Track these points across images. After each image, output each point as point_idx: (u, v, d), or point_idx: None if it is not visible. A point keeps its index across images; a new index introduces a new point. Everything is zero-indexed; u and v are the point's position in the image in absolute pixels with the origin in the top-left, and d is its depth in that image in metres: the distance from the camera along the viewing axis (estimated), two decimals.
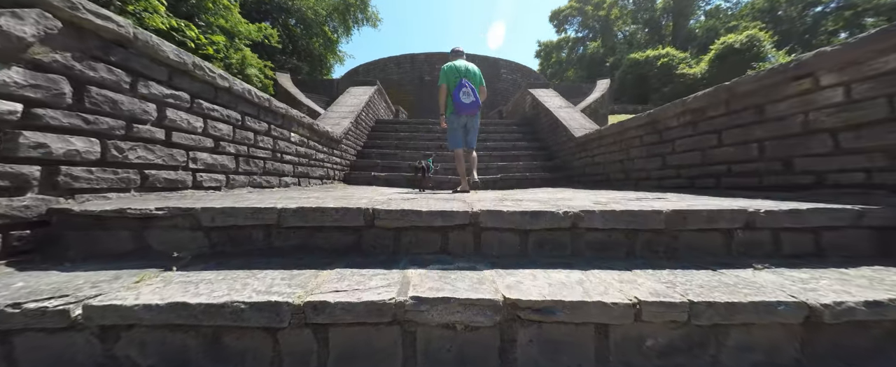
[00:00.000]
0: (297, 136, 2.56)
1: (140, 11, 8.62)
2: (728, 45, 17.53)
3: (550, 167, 4.23)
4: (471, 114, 2.69)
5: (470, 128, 2.80)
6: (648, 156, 2.47)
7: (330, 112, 4.24)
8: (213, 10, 12.75)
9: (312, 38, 24.52)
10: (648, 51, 22.82)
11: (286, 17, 22.99)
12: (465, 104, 2.60)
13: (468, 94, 2.59)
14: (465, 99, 2.59)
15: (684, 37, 29.37)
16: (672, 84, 20.42)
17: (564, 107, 4.70)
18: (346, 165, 3.94)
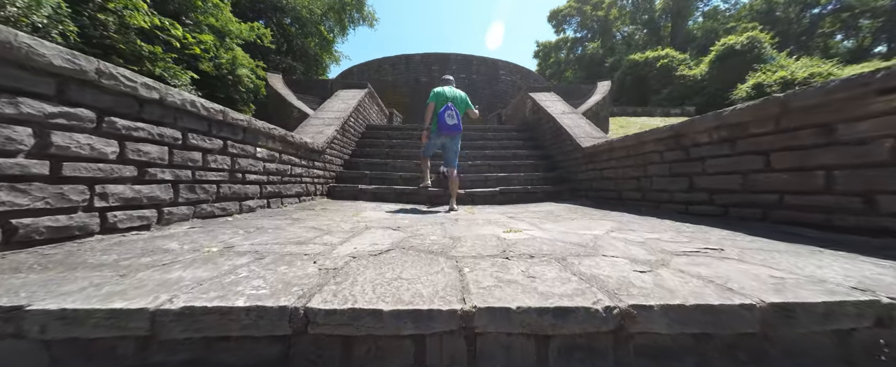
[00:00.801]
0: (265, 151, 2.21)
1: (121, 9, 8.23)
2: (729, 46, 17.33)
3: (553, 179, 3.90)
4: (450, 135, 2.88)
5: (449, 148, 2.97)
6: (671, 175, 2.14)
7: (313, 119, 3.89)
8: (203, 8, 12.36)
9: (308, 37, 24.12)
10: (648, 52, 22.62)
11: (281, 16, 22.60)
12: (448, 125, 2.78)
13: (452, 116, 2.79)
14: (450, 121, 2.78)
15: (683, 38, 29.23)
16: (672, 85, 20.21)
17: (568, 113, 4.37)
18: (330, 177, 3.59)
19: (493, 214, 2.46)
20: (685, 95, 19.03)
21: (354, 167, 4.08)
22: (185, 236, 1.25)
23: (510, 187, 3.61)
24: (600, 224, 1.73)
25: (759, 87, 14.41)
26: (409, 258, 0.97)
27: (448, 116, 2.77)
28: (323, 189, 3.37)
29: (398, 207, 2.79)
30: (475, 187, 3.76)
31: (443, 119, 2.76)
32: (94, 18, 8.11)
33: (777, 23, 27.49)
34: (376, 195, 3.48)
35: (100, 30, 8.16)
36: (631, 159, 2.57)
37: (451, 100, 2.86)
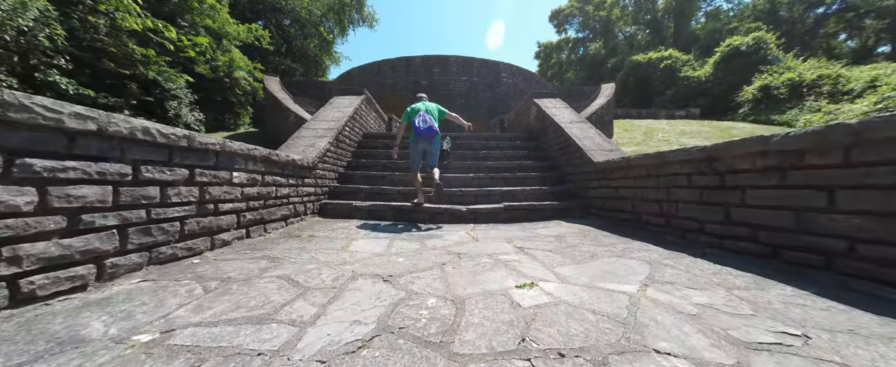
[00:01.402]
0: (244, 175, 1.96)
1: (112, 11, 8.01)
2: (734, 47, 17.05)
3: (562, 193, 3.65)
4: (427, 138, 3.11)
5: (429, 152, 3.21)
6: (702, 203, 1.89)
7: (305, 130, 3.65)
8: (199, 10, 12.14)
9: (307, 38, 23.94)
10: (651, 52, 22.35)
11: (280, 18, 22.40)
12: (422, 129, 3.05)
13: (425, 120, 3.07)
14: (422, 125, 3.05)
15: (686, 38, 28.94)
16: (676, 87, 19.93)
17: (577, 122, 4.12)
18: (322, 193, 3.35)
19: (498, 240, 2.22)
20: (689, 97, 18.75)
21: (349, 181, 3.84)
22: (124, 303, 1.01)
23: (515, 202, 3.36)
24: (628, 267, 1.48)
25: (765, 88, 14.13)
26: (396, 359, 0.72)
27: (421, 122, 3.07)
28: (314, 207, 3.12)
29: (393, 233, 2.54)
30: (478, 202, 3.52)
31: (417, 126, 3.08)
32: (85, 21, 7.90)
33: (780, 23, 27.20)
34: (372, 213, 3.24)
35: (90, 32, 7.95)
36: (651, 180, 2.32)
37: (423, 110, 3.17)
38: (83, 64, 7.82)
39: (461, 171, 4.14)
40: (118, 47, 7.97)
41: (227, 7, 14.15)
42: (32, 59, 6.59)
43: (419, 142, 3.13)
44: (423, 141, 3.13)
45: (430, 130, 3.06)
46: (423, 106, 3.22)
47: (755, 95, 14.33)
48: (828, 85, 12.23)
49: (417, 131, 3.05)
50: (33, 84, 6.68)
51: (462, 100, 10.30)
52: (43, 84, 6.73)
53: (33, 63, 6.62)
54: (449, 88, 9.96)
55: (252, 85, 13.88)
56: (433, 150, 3.20)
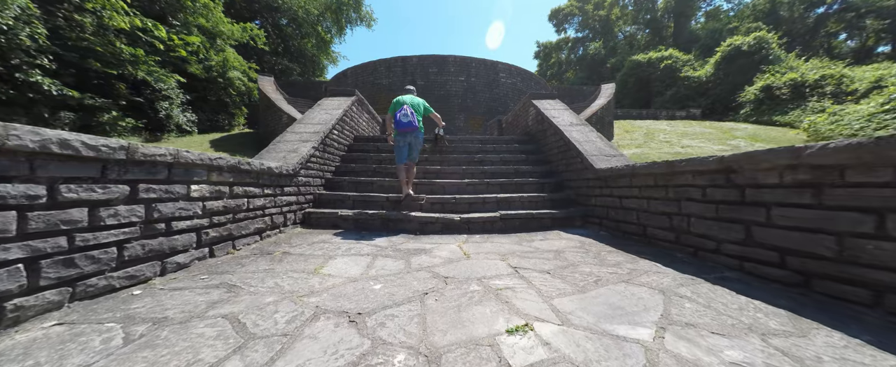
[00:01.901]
0: (205, 187, 1.76)
1: (99, 9, 7.78)
2: (735, 47, 16.87)
3: (561, 201, 3.45)
4: (407, 131, 3.18)
5: (413, 145, 3.29)
6: (718, 219, 1.69)
7: (289, 133, 3.44)
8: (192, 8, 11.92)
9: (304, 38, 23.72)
10: (651, 52, 22.17)
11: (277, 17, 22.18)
12: (402, 123, 3.12)
13: (406, 115, 3.13)
14: (403, 119, 3.12)
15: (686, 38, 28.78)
16: (676, 87, 19.75)
17: (577, 125, 3.92)
18: (307, 202, 3.14)
19: (492, 257, 2.01)
20: (690, 97, 18.57)
21: (337, 187, 3.63)
22: (14, 363, 0.80)
23: (512, 211, 3.16)
24: (638, 298, 1.27)
25: (767, 89, 13.96)
26: None
27: (402, 116, 3.12)
28: (297, 217, 2.92)
29: (377, 248, 2.33)
30: (473, 210, 3.32)
31: (397, 119, 3.14)
32: (71, 19, 7.67)
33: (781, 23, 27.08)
34: (359, 223, 3.03)
35: (76, 31, 7.73)
36: (660, 191, 2.12)
37: (407, 103, 3.24)
38: (69, 64, 7.60)
39: (456, 176, 3.94)
40: (105, 46, 7.74)
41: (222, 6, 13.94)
42: (14, 59, 6.37)
43: (404, 135, 3.23)
44: (408, 134, 3.22)
45: (409, 125, 3.13)
46: (408, 99, 3.31)
47: (757, 95, 14.15)
48: (831, 85, 12.06)
49: (397, 124, 3.16)
50: (15, 85, 6.46)
51: (459, 100, 10.10)
52: (25, 85, 6.51)
53: (15, 63, 6.40)
54: (446, 89, 9.75)
55: (247, 85, 13.65)
56: (416, 143, 3.30)
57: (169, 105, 10.43)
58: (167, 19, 10.70)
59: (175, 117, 10.54)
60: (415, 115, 3.18)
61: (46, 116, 6.97)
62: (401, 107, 3.18)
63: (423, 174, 3.96)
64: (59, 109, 7.27)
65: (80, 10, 7.55)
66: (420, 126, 3.29)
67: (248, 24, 14.60)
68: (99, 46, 7.72)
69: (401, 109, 3.16)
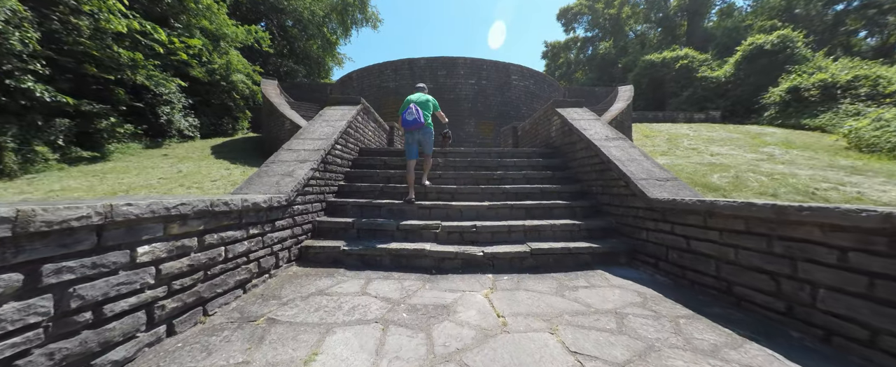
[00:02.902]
0: (161, 246, 1.32)
1: (96, 11, 7.49)
2: (757, 45, 16.08)
3: (599, 230, 2.95)
4: (413, 129, 3.30)
5: (423, 142, 3.42)
6: (874, 300, 1.18)
7: (285, 151, 3.00)
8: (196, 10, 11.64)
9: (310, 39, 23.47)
10: (665, 52, 21.41)
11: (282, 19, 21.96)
12: (408, 120, 3.22)
13: (411, 112, 3.22)
14: (408, 117, 3.21)
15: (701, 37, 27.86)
16: (692, 88, 18.98)
17: (614, 139, 3.42)
18: (304, 233, 2.70)
19: (536, 327, 1.54)
20: (707, 99, 17.79)
21: (339, 212, 3.19)
22: None
23: (543, 244, 2.68)
24: None
25: (794, 90, 13.19)
26: None
27: (407, 114, 3.22)
28: (292, 253, 2.47)
29: (387, 305, 1.87)
30: (496, 241, 2.84)
31: (403, 118, 3.25)
32: (67, 22, 7.38)
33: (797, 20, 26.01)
34: (365, 260, 2.58)
35: (73, 35, 7.44)
36: (757, 240, 1.62)
37: (415, 101, 3.34)
38: (65, 69, 7.31)
39: (474, 197, 3.47)
40: (102, 51, 7.44)
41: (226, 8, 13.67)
42: (6, 65, 6.08)
43: (413, 133, 3.36)
44: (414, 132, 3.35)
45: (414, 123, 3.22)
46: (414, 98, 3.40)
47: (782, 96, 13.40)
48: (866, 87, 11.29)
49: (404, 123, 3.27)
50: (7, 91, 6.18)
51: (469, 105, 9.62)
52: (16, 91, 6.22)
53: (7, 69, 6.11)
54: (456, 92, 9.28)
55: (251, 88, 13.35)
56: (425, 139, 3.41)
57: (170, 110, 10.15)
58: (169, 22, 10.42)
59: (176, 122, 10.25)
60: (420, 112, 3.27)
61: (40, 123, 6.68)
62: (407, 106, 3.31)
63: (436, 195, 3.50)
64: (55, 115, 6.98)
65: (77, 12, 7.26)
66: (429, 123, 3.39)
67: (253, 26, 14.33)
68: (95, 51, 7.42)
69: (407, 108, 3.29)
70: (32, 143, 6.47)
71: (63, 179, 5.99)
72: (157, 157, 8.37)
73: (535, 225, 2.92)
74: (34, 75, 6.46)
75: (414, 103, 3.31)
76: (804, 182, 4.40)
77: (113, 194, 4.77)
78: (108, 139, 8.13)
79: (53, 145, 6.91)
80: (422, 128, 3.33)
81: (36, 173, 6.33)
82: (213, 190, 4.84)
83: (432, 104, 3.51)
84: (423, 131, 3.36)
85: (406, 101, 3.41)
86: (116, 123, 8.08)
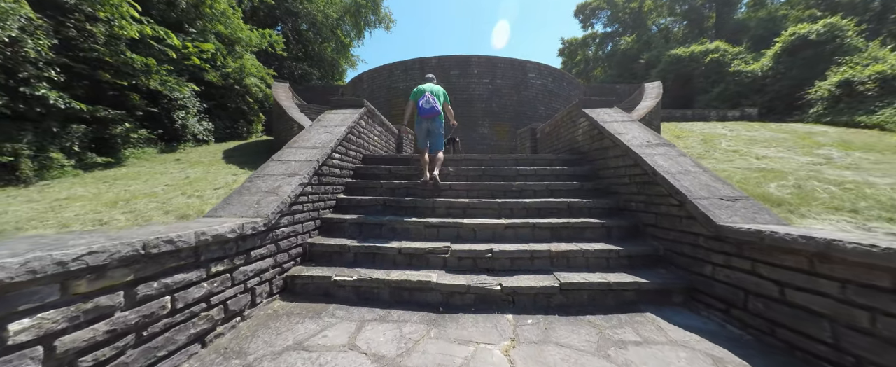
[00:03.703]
0: (54, 315, 0.95)
1: (112, 18, 7.53)
2: (800, 35, 14.70)
3: (643, 258, 2.43)
4: (429, 117, 3.34)
5: (433, 132, 3.39)
6: None
7: (274, 162, 2.65)
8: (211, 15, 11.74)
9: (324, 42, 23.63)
10: (693, 45, 20.08)
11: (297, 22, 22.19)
12: (425, 109, 3.29)
13: (428, 101, 3.29)
14: (426, 106, 3.28)
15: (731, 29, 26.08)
16: (724, 83, 17.65)
17: (657, 145, 2.87)
18: (291, 258, 2.33)
19: None
20: (742, 94, 16.46)
21: (335, 231, 2.81)
22: None
23: (574, 274, 2.20)
24: None
25: (846, 84, 11.88)
26: None
27: (424, 102, 3.25)
28: (274, 285, 2.10)
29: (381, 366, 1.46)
30: (516, 269, 2.39)
31: (420, 106, 3.27)
32: (83, 29, 7.46)
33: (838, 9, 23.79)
34: (360, 292, 2.18)
35: (89, 42, 7.52)
36: None
37: (428, 92, 3.34)
38: (81, 76, 7.40)
39: (490, 213, 3.01)
40: (115, 57, 7.48)
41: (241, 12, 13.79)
42: (22, 72, 6.14)
43: (423, 122, 3.36)
44: (426, 121, 3.35)
45: (432, 111, 3.26)
46: (428, 87, 3.42)
47: (831, 91, 12.11)
48: None
49: (420, 111, 3.28)
50: (23, 98, 6.25)
51: (484, 105, 9.12)
52: (32, 98, 6.28)
53: (22, 76, 6.17)
54: (469, 92, 8.82)
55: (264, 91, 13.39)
56: (437, 130, 3.38)
57: (185, 114, 10.23)
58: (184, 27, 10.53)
59: (191, 127, 10.32)
60: (436, 100, 3.31)
61: (55, 130, 6.74)
62: (423, 94, 3.32)
63: (445, 211, 3.06)
64: (71, 122, 7.05)
65: (93, 19, 7.33)
66: (441, 115, 3.41)
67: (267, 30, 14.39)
68: (109, 57, 7.46)
69: (423, 96, 3.30)
70: (48, 149, 6.53)
71: (74, 186, 5.97)
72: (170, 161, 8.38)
73: (564, 250, 2.43)
74: (48, 82, 6.51)
75: (429, 92, 3.33)
76: (888, 194, 3.67)
77: (115, 203, 4.63)
78: (124, 145, 8.19)
79: (69, 152, 6.98)
80: (436, 117, 3.35)
81: (51, 180, 6.36)
82: (214, 200, 4.63)
83: (443, 95, 3.52)
84: (436, 122, 3.37)
85: (419, 89, 3.41)
86: (131, 129, 8.13)
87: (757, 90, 16.19)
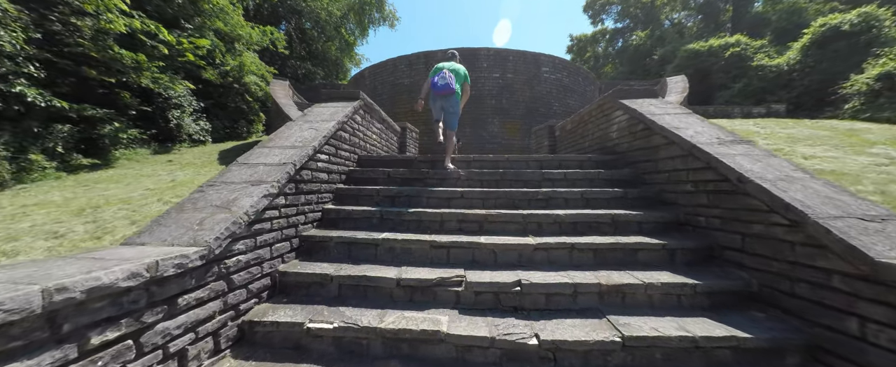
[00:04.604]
0: None
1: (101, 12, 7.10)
2: (832, 27, 13.71)
3: (731, 296, 1.79)
4: (442, 95, 3.26)
5: (447, 111, 3.33)
6: None
7: (237, 166, 2.06)
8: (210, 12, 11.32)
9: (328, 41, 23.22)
10: (712, 39, 19.12)
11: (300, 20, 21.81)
12: (439, 85, 3.20)
13: (444, 77, 3.21)
14: (440, 81, 3.20)
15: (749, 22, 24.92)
16: (746, 78, 16.68)
17: (733, 141, 2.22)
18: (251, 296, 1.74)
19: None
20: (766, 90, 15.49)
21: (317, 253, 2.22)
22: None
23: (639, 322, 1.58)
24: None
25: (888, 77, 10.92)
26: None
27: (439, 78, 3.21)
28: (223, 338, 1.52)
29: None
30: (553, 309, 1.79)
31: (434, 82, 3.23)
32: (68, 23, 7.03)
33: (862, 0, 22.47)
34: (343, 348, 1.59)
35: (74, 36, 7.09)
36: None
37: (447, 69, 3.29)
38: (65, 72, 6.98)
39: (512, 229, 2.40)
40: (101, 52, 7.06)
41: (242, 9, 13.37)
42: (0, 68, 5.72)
43: (437, 99, 3.31)
44: (441, 98, 3.29)
45: (446, 87, 3.18)
46: (448, 65, 3.37)
47: (870, 85, 11.16)
48: None
49: (433, 86, 3.23)
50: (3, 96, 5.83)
51: (494, 101, 8.48)
52: (9, 95, 5.85)
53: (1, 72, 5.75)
54: (477, 88, 8.19)
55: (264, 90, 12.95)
56: (451, 108, 3.30)
57: (180, 114, 9.80)
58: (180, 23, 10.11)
59: (186, 127, 9.88)
60: (453, 78, 3.23)
61: (37, 130, 6.31)
62: (440, 71, 3.27)
63: (457, 225, 2.45)
64: (55, 121, 6.63)
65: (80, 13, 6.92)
66: (458, 92, 3.33)
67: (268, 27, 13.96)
68: (94, 52, 7.03)
69: (440, 72, 3.25)
70: (28, 150, 6.10)
71: (52, 190, 5.52)
72: (161, 163, 7.93)
73: (618, 283, 1.80)
74: (27, 78, 6.07)
75: (447, 69, 3.25)
76: None
77: (82, 211, 4.12)
78: (113, 145, 7.76)
79: (52, 153, 6.55)
80: (451, 95, 3.25)
81: (30, 183, 5.93)
82: None
83: (464, 74, 3.39)
84: (450, 100, 3.27)
85: (438, 66, 3.35)
86: (120, 128, 7.68)
87: (782, 85, 15.23)
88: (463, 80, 3.38)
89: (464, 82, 3.40)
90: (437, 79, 3.20)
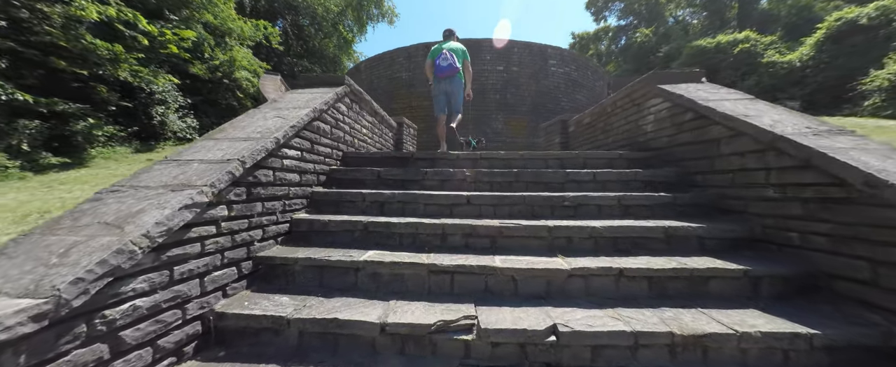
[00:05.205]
0: None
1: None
2: (847, 21, 13.16)
3: (858, 351, 1.23)
4: (446, 76, 3.23)
5: (450, 93, 3.29)
6: None
7: (164, 165, 1.51)
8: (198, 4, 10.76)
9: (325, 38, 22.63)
10: (719, 36, 18.59)
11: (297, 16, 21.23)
12: (442, 67, 3.21)
13: (446, 58, 3.21)
14: (443, 63, 3.21)
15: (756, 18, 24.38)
16: (756, 75, 16.14)
17: (831, 133, 1.67)
18: (162, 357, 1.18)
19: None
20: (777, 87, 14.94)
21: (275, 282, 1.66)
22: None
23: None
24: None
25: None
26: None
27: (441, 59, 3.20)
28: None
29: None
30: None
31: (437, 64, 3.22)
32: (35, 10, 6.46)
33: None
34: None
35: (42, 24, 6.52)
36: None
37: (446, 49, 3.26)
38: (32, 63, 6.42)
39: (535, 246, 1.85)
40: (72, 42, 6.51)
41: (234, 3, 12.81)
42: None
43: (440, 82, 3.28)
44: (444, 81, 3.26)
45: (449, 68, 3.18)
46: (446, 45, 3.31)
47: (892, 81, 10.63)
48: None
49: (438, 70, 3.21)
50: None
51: (498, 96, 7.93)
52: None
53: None
54: (480, 81, 7.63)
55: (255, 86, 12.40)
56: (455, 90, 3.28)
57: (164, 110, 9.25)
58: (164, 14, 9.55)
59: (170, 124, 9.32)
60: (455, 57, 3.20)
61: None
62: (440, 53, 3.23)
63: (462, 241, 1.90)
64: (20, 116, 6.07)
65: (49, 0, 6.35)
66: (460, 73, 3.28)
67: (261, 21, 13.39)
68: (63, 41, 6.46)
69: (440, 54, 3.21)
70: None
71: (11, 191, 4.96)
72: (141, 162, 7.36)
73: (699, 334, 1.25)
74: None
75: (446, 49, 3.21)
76: None
77: (27, 216, 3.57)
78: (87, 143, 7.19)
79: (17, 151, 5.99)
80: (454, 77, 3.23)
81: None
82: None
83: (462, 51, 3.33)
84: (453, 82, 3.24)
85: (436, 48, 3.30)
86: (95, 125, 7.12)
87: (795, 82, 14.70)
88: (462, 57, 3.32)
89: (464, 60, 3.33)
90: (439, 60, 3.18)
